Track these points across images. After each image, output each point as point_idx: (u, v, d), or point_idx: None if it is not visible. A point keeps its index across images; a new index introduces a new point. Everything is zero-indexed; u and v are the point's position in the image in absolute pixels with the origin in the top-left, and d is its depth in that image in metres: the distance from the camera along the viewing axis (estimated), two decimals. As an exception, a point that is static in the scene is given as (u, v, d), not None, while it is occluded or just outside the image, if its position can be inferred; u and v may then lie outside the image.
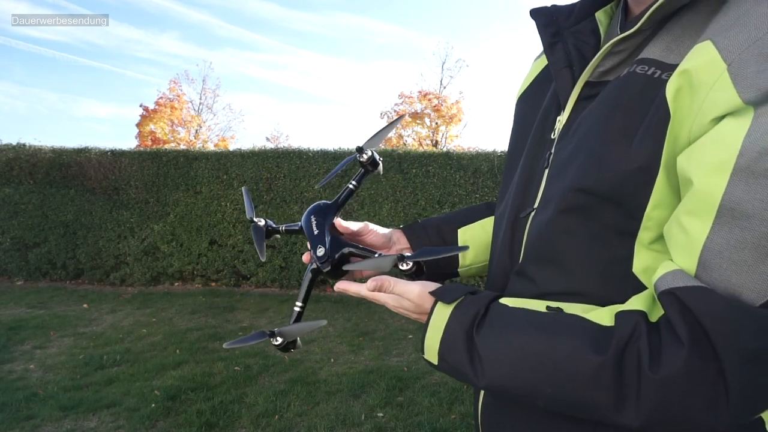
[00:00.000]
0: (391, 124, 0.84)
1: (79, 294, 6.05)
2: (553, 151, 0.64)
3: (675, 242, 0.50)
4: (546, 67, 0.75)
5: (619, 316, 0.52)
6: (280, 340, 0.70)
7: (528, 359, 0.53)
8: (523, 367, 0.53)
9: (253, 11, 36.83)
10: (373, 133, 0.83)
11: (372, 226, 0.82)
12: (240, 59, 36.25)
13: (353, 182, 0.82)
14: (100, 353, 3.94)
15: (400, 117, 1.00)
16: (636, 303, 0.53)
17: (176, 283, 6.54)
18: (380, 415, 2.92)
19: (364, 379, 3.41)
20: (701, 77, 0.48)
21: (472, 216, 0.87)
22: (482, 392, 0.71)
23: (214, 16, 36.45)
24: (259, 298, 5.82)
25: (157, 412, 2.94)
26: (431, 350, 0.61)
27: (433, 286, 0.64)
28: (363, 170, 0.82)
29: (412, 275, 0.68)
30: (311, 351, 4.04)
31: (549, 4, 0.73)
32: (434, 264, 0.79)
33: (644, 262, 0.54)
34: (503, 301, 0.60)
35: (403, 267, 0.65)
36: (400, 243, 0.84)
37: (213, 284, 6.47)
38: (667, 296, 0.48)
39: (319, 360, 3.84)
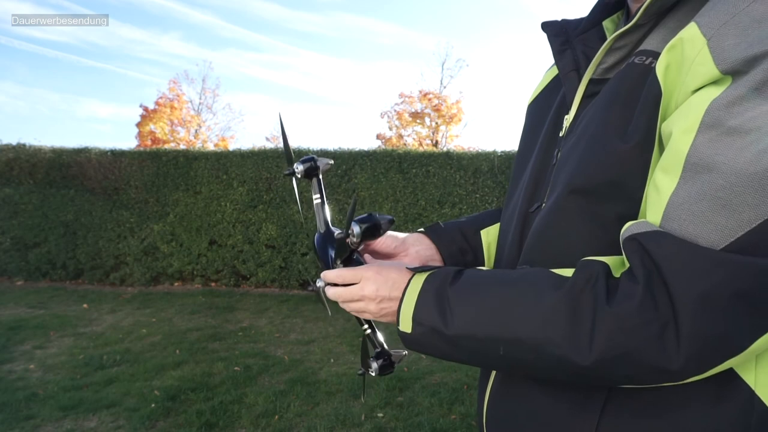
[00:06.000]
0: (284, 132, 0.83)
1: (79, 294, 6.05)
2: (560, 148, 0.67)
3: (648, 199, 0.53)
4: (556, 76, 0.78)
5: (579, 263, 0.55)
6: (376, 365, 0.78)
7: (491, 305, 0.57)
8: (487, 313, 0.57)
9: (255, 12, 36.75)
10: (285, 149, 0.83)
11: None
12: (242, 59, 36.18)
13: (315, 196, 0.81)
14: (100, 353, 3.94)
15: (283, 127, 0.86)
16: (602, 258, 0.55)
17: (176, 283, 6.55)
18: (380, 415, 2.92)
19: (364, 379, 3.41)
20: (686, 52, 0.51)
21: (490, 218, 0.90)
22: (488, 389, 0.72)
23: (217, 17, 36.33)
24: (259, 298, 5.82)
25: (157, 412, 2.94)
26: (406, 318, 0.63)
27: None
28: (315, 179, 0.81)
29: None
30: (311, 351, 4.05)
31: (559, 18, 0.76)
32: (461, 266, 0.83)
33: None
34: (476, 268, 0.65)
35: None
36: (420, 245, 0.85)
37: (213, 284, 6.47)
38: (629, 242, 0.51)
39: (319, 360, 3.84)
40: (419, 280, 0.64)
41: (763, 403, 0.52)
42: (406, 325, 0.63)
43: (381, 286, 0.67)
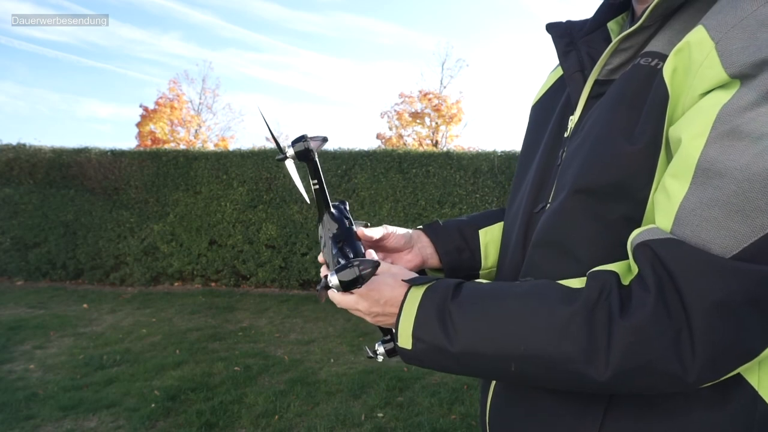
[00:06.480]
0: (266, 122, 0.77)
1: (79, 294, 6.04)
2: (565, 149, 0.67)
3: (658, 205, 0.53)
4: (561, 78, 0.78)
5: (589, 275, 0.54)
6: (382, 349, 0.74)
7: (499, 320, 0.55)
8: (496, 328, 0.55)
9: (255, 12, 36.72)
10: (271, 137, 0.77)
11: (390, 228, 0.83)
12: (242, 60, 36.16)
13: (313, 181, 0.77)
14: (100, 353, 3.94)
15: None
16: (610, 266, 0.54)
17: (176, 283, 6.54)
18: (380, 415, 2.92)
19: (364, 379, 3.41)
20: (693, 56, 0.51)
21: (490, 218, 0.89)
22: (491, 391, 0.72)
23: (217, 17, 36.27)
24: (259, 298, 5.82)
25: (157, 412, 2.94)
26: (405, 334, 0.61)
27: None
28: (310, 162, 0.76)
29: None
30: (311, 351, 4.05)
31: (563, 20, 0.77)
32: (457, 267, 0.83)
33: None
34: (475, 281, 0.63)
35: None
36: (420, 242, 0.86)
37: (213, 284, 6.47)
38: (640, 248, 0.51)
39: (319, 360, 3.84)
40: (417, 293, 0.62)
41: (766, 403, 0.52)
42: (405, 341, 0.61)
43: (373, 304, 0.66)
